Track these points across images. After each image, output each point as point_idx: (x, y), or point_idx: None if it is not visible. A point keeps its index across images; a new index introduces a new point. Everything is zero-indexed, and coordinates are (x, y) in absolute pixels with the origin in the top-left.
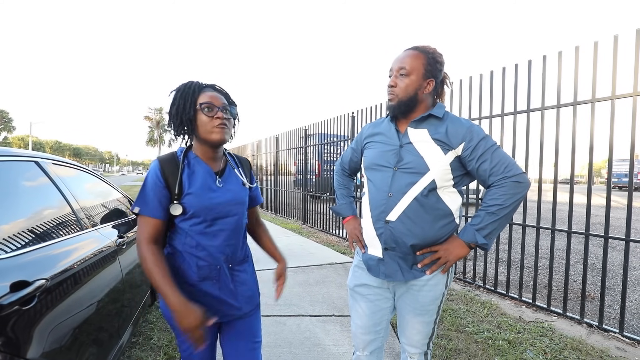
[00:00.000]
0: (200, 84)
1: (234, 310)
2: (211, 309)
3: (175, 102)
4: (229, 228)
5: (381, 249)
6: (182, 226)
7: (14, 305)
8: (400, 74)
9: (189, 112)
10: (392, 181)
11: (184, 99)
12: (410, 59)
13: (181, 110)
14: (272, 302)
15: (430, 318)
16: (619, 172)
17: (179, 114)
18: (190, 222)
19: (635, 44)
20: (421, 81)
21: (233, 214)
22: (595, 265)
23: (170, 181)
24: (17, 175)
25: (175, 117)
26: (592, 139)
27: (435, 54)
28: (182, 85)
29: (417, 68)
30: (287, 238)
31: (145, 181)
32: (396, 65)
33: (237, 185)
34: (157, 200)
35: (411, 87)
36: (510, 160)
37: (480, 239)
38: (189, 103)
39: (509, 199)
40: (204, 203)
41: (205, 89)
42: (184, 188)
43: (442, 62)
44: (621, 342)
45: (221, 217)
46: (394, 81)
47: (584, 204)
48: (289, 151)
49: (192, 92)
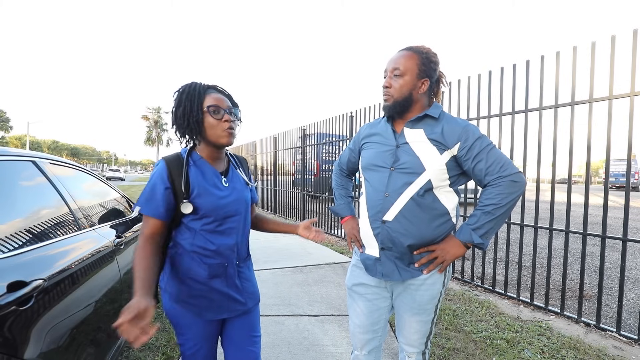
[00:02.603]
0: (204, 85)
1: (240, 305)
2: (221, 305)
3: (181, 104)
4: (236, 226)
5: (378, 248)
6: (193, 226)
7: (11, 305)
8: (394, 74)
9: (196, 115)
10: (388, 181)
11: (190, 100)
12: (404, 60)
13: (188, 113)
14: (271, 302)
15: (428, 317)
16: (617, 172)
17: (185, 116)
18: (201, 222)
19: (633, 44)
20: (415, 81)
21: (240, 213)
22: (592, 265)
23: (176, 182)
24: (14, 175)
25: (181, 119)
26: (590, 138)
27: (429, 53)
28: (187, 87)
29: (411, 68)
30: (286, 238)
31: (150, 181)
32: (390, 66)
33: (241, 184)
34: (160, 200)
35: (406, 87)
36: (506, 160)
37: (477, 239)
38: (196, 105)
39: (504, 199)
40: (215, 203)
41: (209, 90)
42: (191, 188)
43: (437, 62)
44: (618, 341)
45: (230, 216)
46: (388, 82)
47: (581, 203)
48: (287, 151)
49: (197, 93)
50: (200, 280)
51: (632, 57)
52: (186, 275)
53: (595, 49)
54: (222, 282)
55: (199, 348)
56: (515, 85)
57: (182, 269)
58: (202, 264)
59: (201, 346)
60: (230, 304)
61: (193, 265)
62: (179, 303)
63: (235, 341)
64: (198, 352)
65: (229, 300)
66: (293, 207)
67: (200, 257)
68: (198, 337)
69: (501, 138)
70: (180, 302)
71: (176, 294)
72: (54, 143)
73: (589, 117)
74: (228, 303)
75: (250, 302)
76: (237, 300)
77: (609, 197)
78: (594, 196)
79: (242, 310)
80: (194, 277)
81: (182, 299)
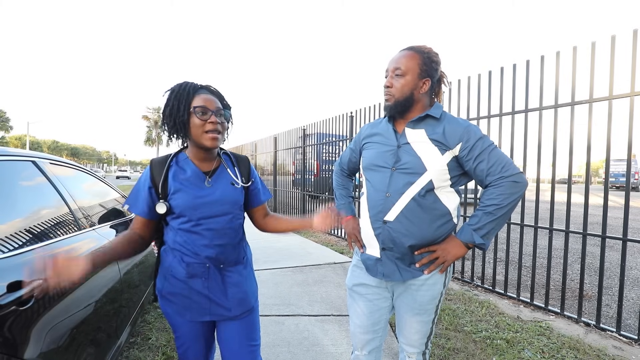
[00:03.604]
0: (195, 85)
1: (223, 310)
2: (200, 306)
3: (169, 104)
4: (217, 228)
5: (379, 249)
6: (172, 224)
7: (11, 305)
8: (395, 74)
9: (182, 115)
10: (390, 181)
11: (178, 100)
12: (405, 59)
13: (175, 112)
14: (271, 302)
15: (429, 317)
16: (617, 172)
17: (172, 116)
18: (178, 220)
19: (633, 44)
20: (417, 81)
21: (223, 214)
22: (592, 265)
23: (156, 181)
24: (14, 175)
25: (168, 119)
26: (590, 138)
27: (430, 53)
28: (177, 86)
29: (412, 68)
30: (286, 238)
31: (138, 180)
32: (391, 66)
33: (227, 185)
34: (143, 199)
35: (407, 87)
36: (507, 160)
37: (478, 239)
38: (183, 105)
39: (506, 199)
40: (189, 203)
41: (200, 90)
42: (168, 188)
43: (438, 62)
44: (618, 341)
45: (208, 217)
46: (389, 82)
47: (581, 203)
48: (287, 151)
49: (186, 93)
50: (179, 278)
51: (632, 57)
52: (168, 272)
53: (595, 49)
54: (203, 283)
55: (187, 348)
56: (515, 85)
57: (165, 265)
58: (181, 261)
59: (189, 346)
60: (213, 307)
61: (174, 262)
62: (163, 300)
63: (229, 346)
64: (187, 351)
65: (211, 303)
66: (293, 207)
67: (180, 255)
68: (185, 336)
69: (501, 138)
70: (163, 298)
71: (160, 289)
72: (54, 143)
73: (589, 117)
74: (210, 306)
75: (237, 309)
76: (220, 304)
77: (609, 197)
78: (594, 196)
79: (227, 315)
80: (174, 274)
81: (164, 295)
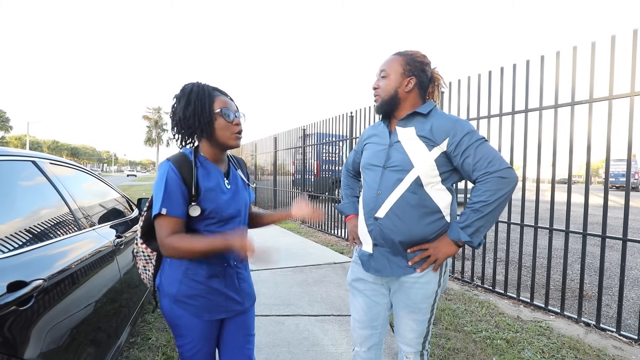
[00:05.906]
0: (211, 87)
1: (238, 305)
2: (219, 305)
3: (190, 103)
4: (236, 227)
5: (372, 244)
6: (196, 227)
7: (11, 305)
8: (381, 76)
9: (208, 116)
10: (380, 179)
11: (200, 101)
12: (389, 63)
13: (199, 113)
14: (271, 302)
15: (423, 317)
16: (617, 172)
17: (196, 116)
18: (204, 222)
19: (633, 44)
20: (400, 80)
21: (241, 214)
22: (592, 265)
23: (188, 182)
24: (14, 175)
25: (191, 119)
26: (590, 138)
27: (414, 54)
28: (194, 86)
29: (395, 68)
30: (286, 238)
31: (166, 182)
32: (378, 70)
33: (242, 185)
34: (180, 199)
35: (391, 86)
36: (494, 155)
37: (465, 237)
38: (207, 106)
39: (492, 195)
40: (220, 204)
41: (215, 92)
42: (200, 189)
43: (424, 61)
44: (618, 341)
45: (232, 217)
46: (376, 84)
47: (581, 203)
48: (287, 151)
49: (207, 94)
50: (199, 280)
51: (632, 57)
52: (185, 276)
53: (595, 49)
54: (221, 282)
55: (200, 349)
56: (515, 85)
57: (181, 269)
58: (201, 263)
59: (202, 347)
60: (229, 304)
61: (192, 265)
62: (178, 304)
63: (232, 341)
64: (198, 353)
65: (227, 300)
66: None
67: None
68: (198, 338)
69: (501, 138)
70: (178, 302)
71: (174, 295)
72: (54, 143)
73: (589, 117)
74: (226, 303)
75: (247, 303)
76: (235, 300)
77: (609, 197)
78: (594, 196)
79: (239, 310)
80: (193, 277)
81: (181, 299)
